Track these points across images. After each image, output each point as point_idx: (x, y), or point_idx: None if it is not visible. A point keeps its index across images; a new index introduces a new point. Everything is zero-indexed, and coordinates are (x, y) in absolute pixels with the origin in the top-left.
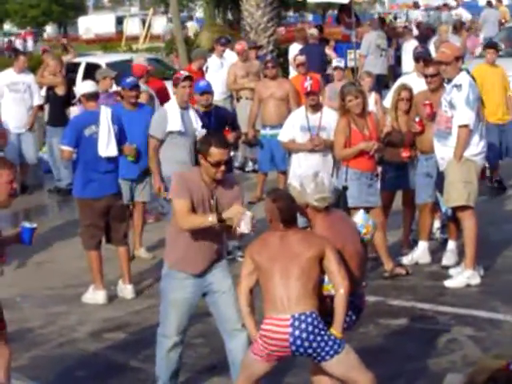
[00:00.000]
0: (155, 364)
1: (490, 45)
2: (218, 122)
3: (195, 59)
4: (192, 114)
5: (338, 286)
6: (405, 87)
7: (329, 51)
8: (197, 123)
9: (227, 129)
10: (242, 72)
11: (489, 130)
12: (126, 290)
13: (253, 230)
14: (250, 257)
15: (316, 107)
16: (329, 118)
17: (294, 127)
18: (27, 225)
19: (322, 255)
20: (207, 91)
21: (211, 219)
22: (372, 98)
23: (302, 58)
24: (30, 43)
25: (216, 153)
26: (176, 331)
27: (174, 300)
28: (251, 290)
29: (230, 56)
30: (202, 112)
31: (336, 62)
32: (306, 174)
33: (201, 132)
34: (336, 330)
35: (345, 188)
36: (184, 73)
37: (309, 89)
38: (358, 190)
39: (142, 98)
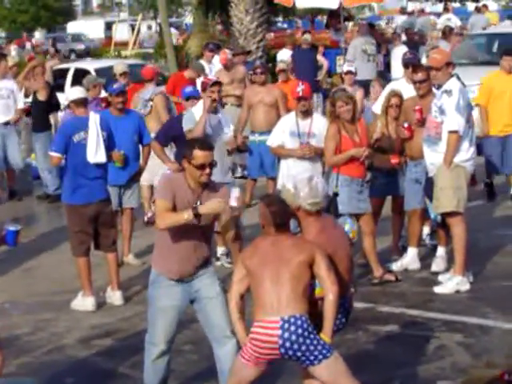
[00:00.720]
0: (143, 371)
1: (509, 52)
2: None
3: (192, 69)
4: (222, 117)
5: (327, 292)
6: (395, 93)
7: (319, 57)
8: (226, 127)
9: None
10: (227, 79)
11: (490, 144)
12: (115, 297)
13: (243, 203)
14: (242, 262)
15: (306, 113)
16: (319, 124)
17: (283, 132)
18: (11, 228)
19: (312, 260)
20: (194, 96)
21: (187, 216)
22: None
23: (282, 65)
24: (27, 48)
25: (200, 155)
26: (163, 339)
27: (161, 308)
28: (242, 296)
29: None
30: None
31: (347, 66)
32: (301, 177)
33: (229, 136)
34: (325, 335)
35: (335, 194)
36: (212, 78)
37: (300, 94)
38: (349, 197)
39: (158, 101)
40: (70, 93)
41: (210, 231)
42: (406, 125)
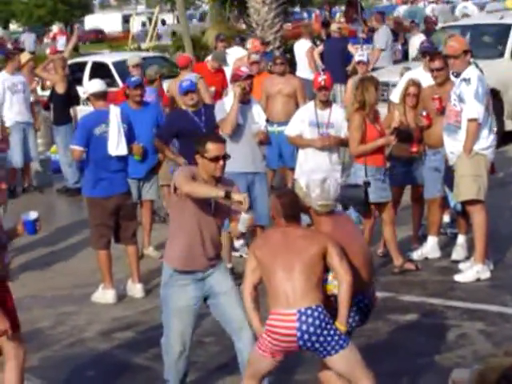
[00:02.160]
0: (164, 363)
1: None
2: (209, 120)
3: (214, 60)
4: (255, 109)
5: (340, 280)
6: (413, 82)
7: (350, 48)
8: (259, 118)
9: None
10: None
11: None
12: (136, 289)
13: (250, 228)
14: (253, 253)
15: (326, 103)
16: (337, 114)
17: (302, 122)
18: (30, 217)
19: (324, 252)
20: (191, 90)
21: (217, 192)
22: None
23: (256, 57)
24: (60, 42)
25: (213, 148)
26: (180, 340)
27: (176, 309)
28: (255, 287)
29: (236, 52)
30: (191, 112)
31: (358, 56)
32: (315, 178)
33: (257, 127)
34: (340, 324)
35: (367, 183)
36: (245, 70)
37: (322, 83)
38: (374, 186)
39: (201, 85)
40: (90, 86)
41: (221, 225)
42: (424, 113)
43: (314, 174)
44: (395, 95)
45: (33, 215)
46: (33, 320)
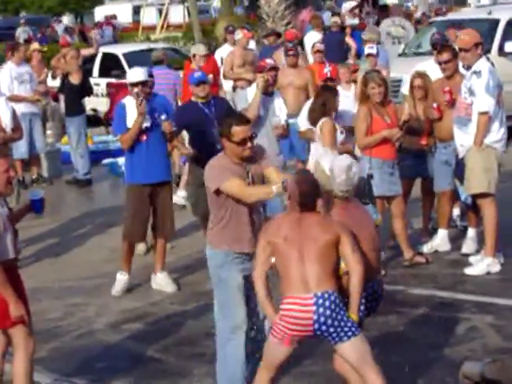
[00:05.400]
0: (173, 355)
1: None
2: (219, 112)
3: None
4: (277, 101)
5: (352, 271)
6: (418, 75)
7: (348, 40)
8: (280, 111)
9: None
10: (240, 61)
11: None
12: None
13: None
14: (266, 239)
15: None
16: (344, 104)
17: None
18: (34, 197)
19: (337, 240)
20: (203, 81)
21: (276, 189)
22: (352, 90)
23: (320, 46)
24: (106, 32)
25: (239, 130)
26: (245, 318)
27: (236, 286)
28: (267, 274)
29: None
30: (201, 103)
31: (368, 48)
32: (341, 163)
33: (277, 120)
34: (353, 313)
35: (370, 176)
36: (270, 62)
37: (328, 75)
38: (381, 179)
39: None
40: (131, 74)
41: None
42: (435, 105)
43: (339, 159)
44: (406, 88)
45: (39, 193)
46: (42, 311)
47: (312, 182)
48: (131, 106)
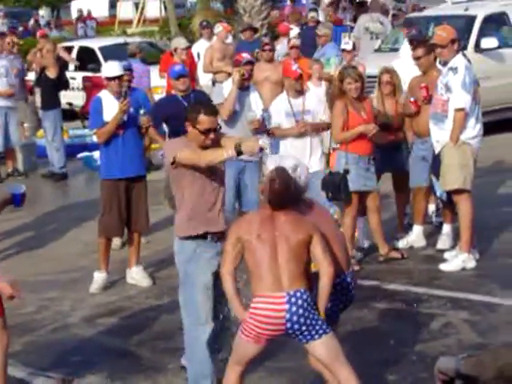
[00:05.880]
0: (148, 349)
1: None
2: None
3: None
4: (253, 96)
5: (323, 273)
6: (386, 70)
7: None
8: (256, 106)
9: None
10: (219, 55)
11: None
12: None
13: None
14: (236, 235)
15: (300, 92)
16: (312, 100)
17: (279, 113)
18: (17, 191)
19: (310, 239)
20: (183, 75)
21: (230, 152)
22: (323, 86)
23: (296, 41)
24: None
25: (206, 120)
26: (211, 316)
27: (202, 283)
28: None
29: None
30: (180, 97)
31: (344, 44)
32: (286, 165)
33: (253, 115)
34: (320, 313)
35: (346, 171)
36: (246, 56)
37: (299, 72)
38: (357, 174)
39: None
40: (106, 68)
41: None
42: (412, 99)
43: (284, 160)
44: None
45: (21, 188)
46: (16, 305)
47: (285, 181)
48: (107, 100)
